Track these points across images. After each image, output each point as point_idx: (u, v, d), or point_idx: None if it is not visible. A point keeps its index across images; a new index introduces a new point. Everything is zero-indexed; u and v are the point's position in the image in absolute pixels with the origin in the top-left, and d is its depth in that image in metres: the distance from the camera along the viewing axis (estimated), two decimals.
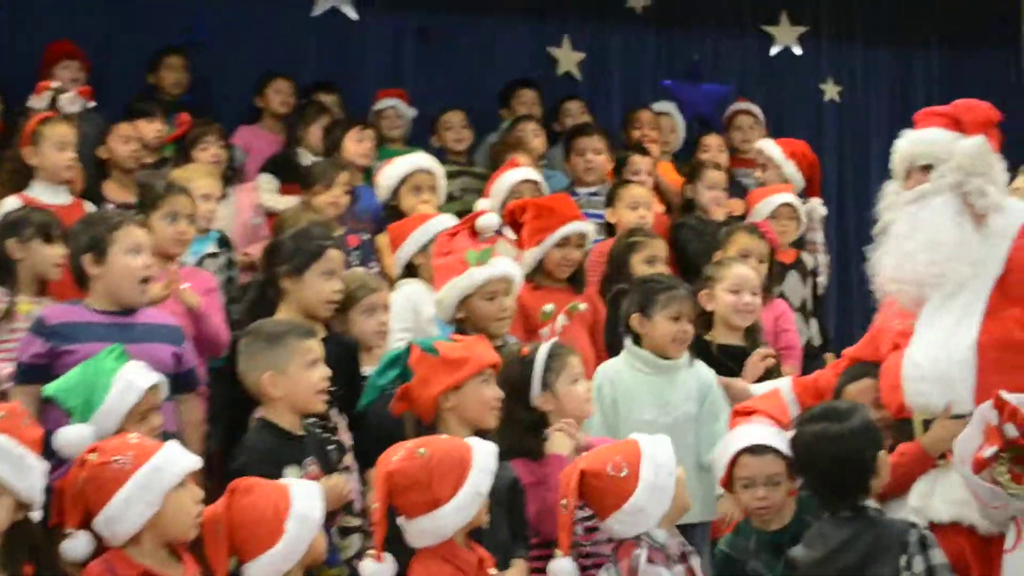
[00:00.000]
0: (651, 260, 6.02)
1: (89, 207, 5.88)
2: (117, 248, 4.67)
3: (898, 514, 4.10)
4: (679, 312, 5.16)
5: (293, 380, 4.31)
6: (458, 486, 3.88)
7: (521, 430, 4.50)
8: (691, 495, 4.36)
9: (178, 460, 3.82)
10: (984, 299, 4.09)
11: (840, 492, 3.96)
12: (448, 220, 5.74)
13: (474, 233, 5.27)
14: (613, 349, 5.34)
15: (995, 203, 4.17)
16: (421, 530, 3.91)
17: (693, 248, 6.69)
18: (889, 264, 4.25)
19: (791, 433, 4.16)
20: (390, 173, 6.52)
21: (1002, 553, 3.91)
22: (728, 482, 4.47)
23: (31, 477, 3.72)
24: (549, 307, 4.78)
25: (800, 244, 7.24)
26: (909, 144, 4.33)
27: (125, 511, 3.72)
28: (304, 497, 3.87)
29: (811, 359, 6.81)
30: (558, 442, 4.47)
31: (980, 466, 3.88)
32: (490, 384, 4.40)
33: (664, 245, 6.20)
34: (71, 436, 4.05)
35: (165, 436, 4.18)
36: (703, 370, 5.22)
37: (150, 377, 4.30)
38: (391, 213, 6.40)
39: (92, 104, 6.52)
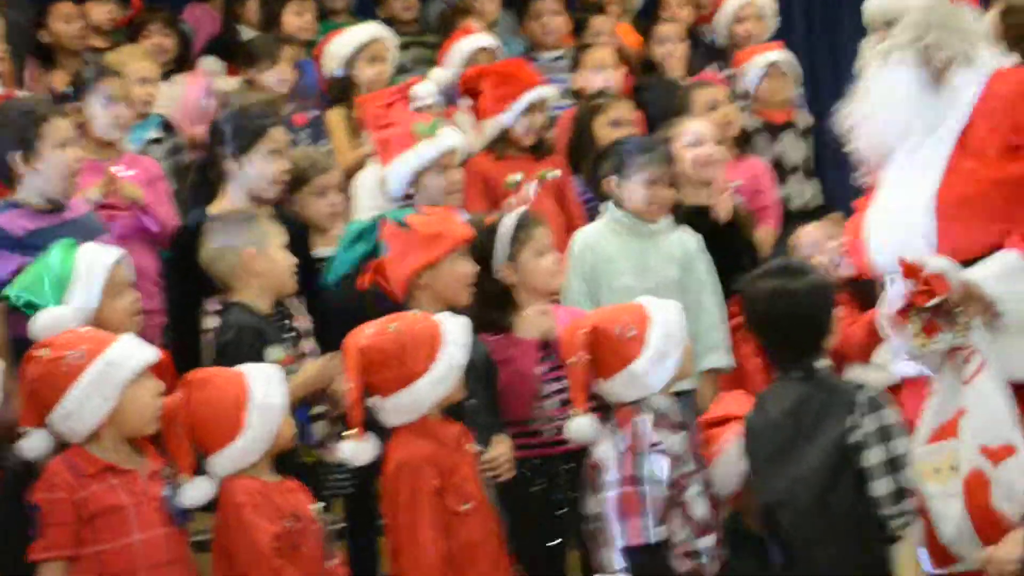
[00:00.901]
0: (616, 123, 5.95)
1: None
2: (46, 143, 4.59)
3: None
4: (656, 175, 5.14)
5: (271, 259, 4.36)
6: (432, 359, 3.92)
7: (486, 303, 4.51)
8: None
9: (134, 353, 3.81)
10: (944, 154, 4.12)
11: (793, 351, 3.96)
12: (425, 88, 5.68)
13: (407, 102, 5.22)
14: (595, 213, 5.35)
15: (958, 56, 4.16)
16: (397, 406, 3.94)
17: (657, 109, 6.60)
18: (852, 124, 4.27)
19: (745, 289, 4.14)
20: (344, 42, 6.41)
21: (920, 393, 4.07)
22: None
23: None
24: (514, 177, 4.77)
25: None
26: (870, 3, 4.32)
27: (81, 407, 3.72)
28: (263, 384, 3.87)
29: (809, 219, 6.82)
30: (529, 324, 4.46)
31: (895, 322, 4.04)
32: (464, 259, 4.42)
33: (630, 106, 6.15)
34: (47, 320, 4.00)
35: None
36: (687, 237, 5.21)
37: (111, 252, 4.28)
38: (344, 86, 6.32)
39: None
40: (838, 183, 6.99)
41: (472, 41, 6.65)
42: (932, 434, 4.00)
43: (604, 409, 4.12)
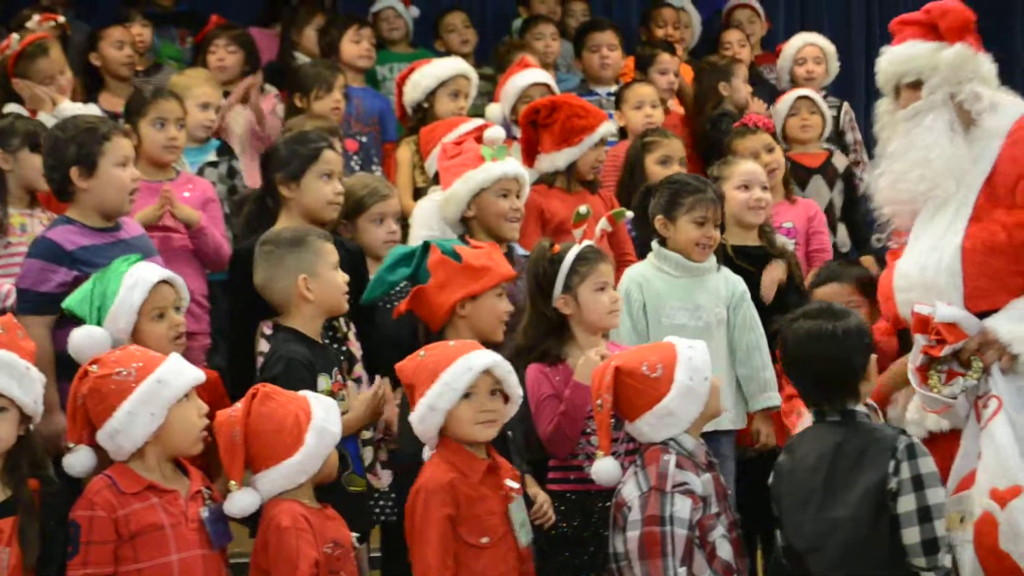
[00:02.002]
0: (665, 160, 6.05)
1: None
2: (107, 160, 4.65)
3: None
4: (704, 216, 5.18)
5: (325, 281, 4.39)
6: (421, 395, 3.99)
7: (543, 330, 4.57)
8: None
9: (183, 373, 3.88)
10: (971, 203, 4.15)
11: (829, 394, 3.99)
12: (498, 133, 5.73)
13: (480, 142, 5.30)
14: (645, 248, 5.38)
15: (989, 104, 4.21)
16: (417, 431, 4.04)
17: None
18: (884, 185, 4.30)
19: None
20: (428, 74, 6.57)
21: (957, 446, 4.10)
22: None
23: (34, 390, 3.81)
24: (584, 208, 4.81)
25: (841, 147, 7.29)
26: (891, 63, 4.36)
27: (129, 425, 3.78)
28: (324, 410, 3.94)
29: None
30: (583, 369, 4.45)
31: (920, 375, 4.09)
32: (503, 298, 4.48)
33: (680, 145, 6.22)
34: (81, 338, 4.11)
35: None
36: (734, 277, 5.26)
37: (158, 272, 4.35)
38: (423, 117, 6.43)
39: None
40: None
41: (527, 76, 6.74)
42: (957, 485, 4.03)
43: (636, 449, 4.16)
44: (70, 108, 5.64)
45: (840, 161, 7.13)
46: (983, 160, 4.16)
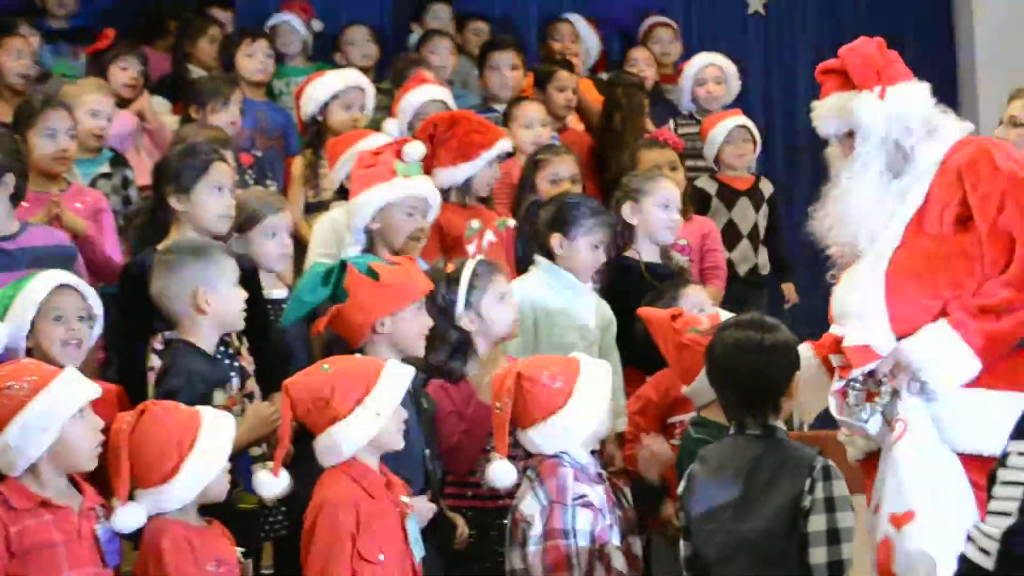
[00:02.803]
0: (555, 179, 6.11)
1: None
2: None
3: None
4: (602, 241, 5.28)
5: (224, 297, 4.37)
6: (357, 403, 3.96)
7: (446, 351, 4.61)
8: None
9: (77, 388, 3.83)
10: (900, 234, 4.25)
11: (752, 406, 3.98)
12: (384, 139, 5.80)
13: (399, 156, 5.32)
14: (526, 263, 5.45)
15: (924, 133, 4.30)
16: (323, 447, 3.99)
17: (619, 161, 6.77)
18: (827, 225, 4.40)
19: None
20: (321, 86, 6.58)
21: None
22: None
23: None
24: (476, 223, 4.86)
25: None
26: (820, 120, 4.46)
27: (21, 439, 3.73)
28: (216, 430, 3.89)
29: (758, 287, 7.03)
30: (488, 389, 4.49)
31: (840, 397, 4.21)
32: (423, 312, 4.50)
33: (573, 161, 6.27)
34: None
35: None
36: (602, 301, 5.33)
37: (64, 276, 4.33)
38: (316, 129, 6.45)
39: None
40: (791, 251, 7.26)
41: (424, 92, 6.76)
42: (873, 509, 4.13)
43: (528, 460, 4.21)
44: None
45: (767, 187, 7.30)
46: (915, 193, 4.24)
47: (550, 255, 5.28)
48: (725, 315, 4.52)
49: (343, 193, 5.71)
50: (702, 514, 3.98)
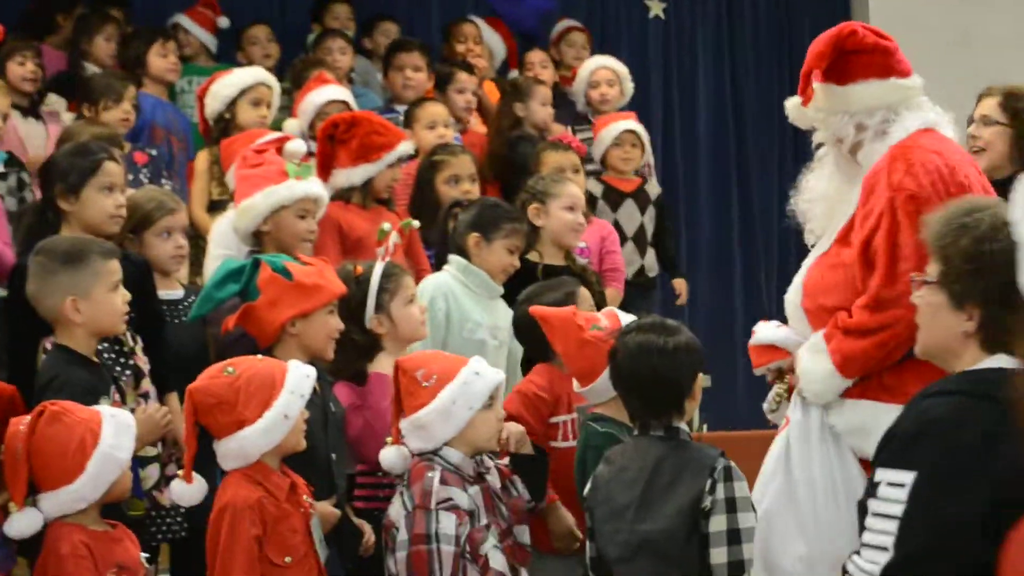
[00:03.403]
0: (454, 179, 6.15)
1: None
2: None
3: None
4: (515, 246, 5.36)
5: (96, 304, 4.29)
6: (265, 407, 3.94)
7: (354, 354, 4.63)
8: None
9: None
10: (831, 241, 4.29)
11: (655, 408, 4.02)
12: (298, 147, 5.74)
13: (280, 154, 5.33)
14: (439, 263, 5.50)
15: (871, 134, 4.25)
16: (227, 451, 3.97)
17: (532, 163, 6.75)
18: (799, 215, 4.44)
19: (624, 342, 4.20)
20: (228, 84, 6.58)
21: None
22: None
23: None
24: (387, 225, 4.89)
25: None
26: (792, 120, 4.46)
27: None
28: (115, 433, 3.84)
29: (646, 289, 7.11)
30: (383, 362, 4.59)
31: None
32: (334, 315, 4.50)
33: (470, 161, 6.31)
34: None
35: None
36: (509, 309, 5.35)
37: None
38: (224, 127, 6.45)
39: None
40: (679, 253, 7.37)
41: (325, 93, 6.76)
42: None
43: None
44: None
45: (653, 189, 7.39)
46: (853, 197, 4.22)
47: (465, 256, 5.32)
48: (623, 315, 4.56)
49: None
50: (605, 515, 4.01)
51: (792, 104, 4.37)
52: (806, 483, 4.16)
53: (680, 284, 7.62)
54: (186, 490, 3.98)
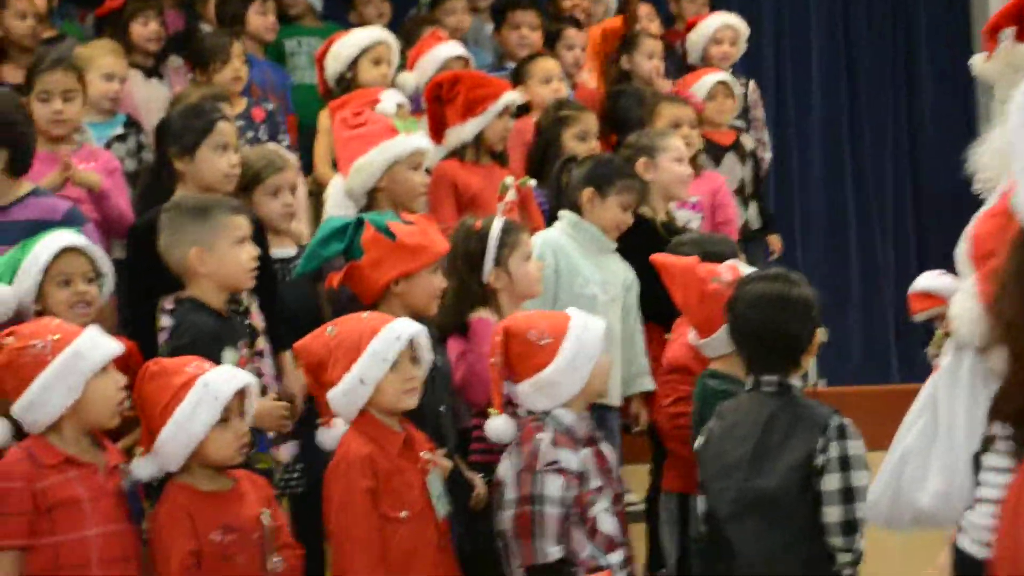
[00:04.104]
0: (583, 135, 6.17)
1: None
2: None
3: None
4: (631, 202, 5.36)
5: (221, 256, 4.36)
6: (345, 371, 4.04)
7: (469, 306, 4.70)
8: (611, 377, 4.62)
9: (100, 345, 3.90)
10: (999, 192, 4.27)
11: (770, 361, 4.02)
12: (394, 96, 5.85)
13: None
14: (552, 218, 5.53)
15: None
16: (333, 406, 4.10)
17: (635, 117, 6.79)
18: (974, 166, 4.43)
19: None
20: (348, 44, 6.61)
21: None
22: None
23: None
24: (509, 179, 4.94)
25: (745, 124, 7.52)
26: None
27: (44, 398, 3.81)
28: (195, 403, 3.86)
29: (748, 242, 7.05)
30: (485, 310, 4.65)
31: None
32: (438, 274, 4.56)
33: (595, 120, 6.33)
34: None
35: None
36: (624, 263, 5.40)
37: (69, 238, 4.38)
38: (346, 87, 6.48)
39: None
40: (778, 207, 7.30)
41: (448, 49, 6.82)
42: None
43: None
44: None
45: (747, 141, 7.35)
46: None
47: (578, 211, 5.35)
48: (744, 268, 4.56)
49: None
50: (715, 471, 4.03)
51: (977, 59, 4.35)
52: (949, 423, 4.14)
53: (775, 240, 7.58)
54: (328, 434, 4.12)
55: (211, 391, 3.89)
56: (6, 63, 6.49)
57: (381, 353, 4.03)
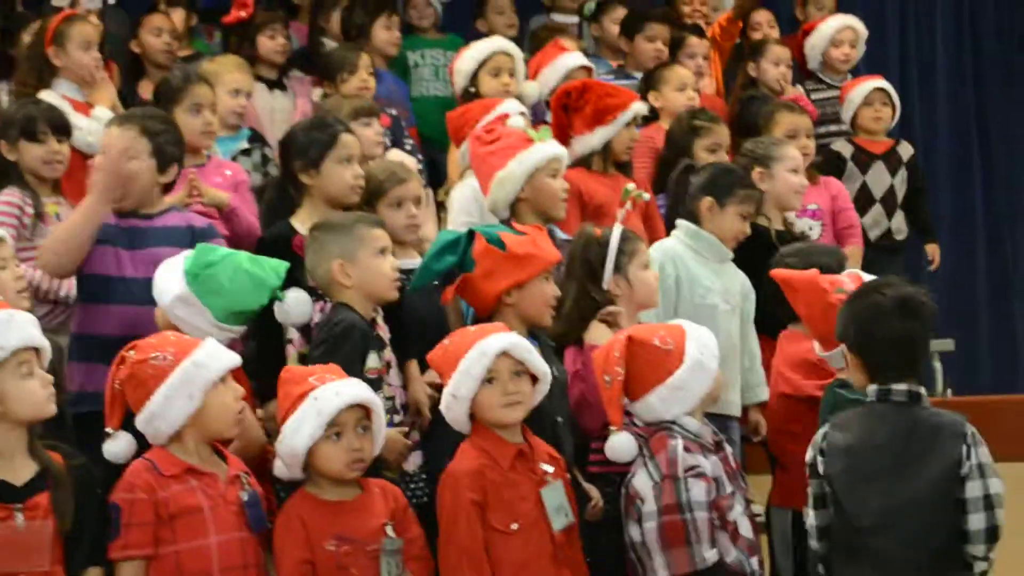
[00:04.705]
0: (715, 148, 6.14)
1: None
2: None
3: None
4: (749, 211, 5.33)
5: (364, 268, 4.42)
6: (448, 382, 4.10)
7: (588, 315, 4.66)
8: (732, 386, 4.66)
9: (219, 356, 3.97)
10: None
11: (898, 371, 3.95)
12: (512, 105, 5.85)
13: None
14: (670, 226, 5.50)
15: None
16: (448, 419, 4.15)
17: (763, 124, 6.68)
18: None
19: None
20: (468, 57, 6.65)
21: None
22: None
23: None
24: (631, 185, 4.91)
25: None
26: None
27: (165, 408, 3.88)
28: (300, 419, 3.95)
29: (892, 252, 7.01)
30: (596, 332, 4.59)
31: None
32: (550, 282, 4.55)
33: (727, 132, 6.29)
34: None
35: None
36: (739, 271, 5.36)
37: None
38: (470, 100, 6.48)
39: (112, 0, 6.62)
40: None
41: (572, 59, 6.83)
42: None
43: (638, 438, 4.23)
44: (102, 114, 5.74)
45: (906, 150, 7.26)
46: None
47: (695, 220, 5.31)
48: (866, 277, 4.48)
49: None
50: (851, 482, 3.95)
51: None
52: None
53: (933, 249, 7.45)
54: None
55: (316, 406, 3.94)
56: (144, 80, 6.56)
57: (469, 370, 4.06)
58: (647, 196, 5.30)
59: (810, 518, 4.05)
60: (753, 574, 4.08)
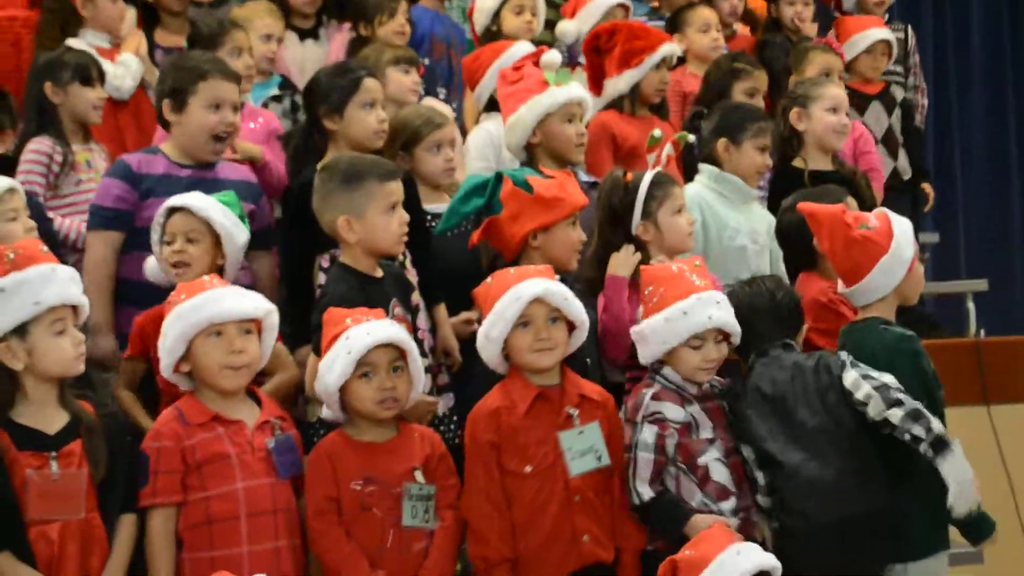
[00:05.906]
0: (752, 92, 6.02)
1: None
2: (197, 100, 4.74)
3: None
4: (766, 144, 5.22)
5: (370, 224, 4.28)
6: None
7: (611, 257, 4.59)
8: None
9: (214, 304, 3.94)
10: None
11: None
12: (525, 47, 5.75)
13: (537, 67, 5.28)
14: (691, 171, 5.41)
15: None
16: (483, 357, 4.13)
17: (779, 67, 6.64)
18: None
19: None
20: None
21: None
22: None
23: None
24: (658, 132, 4.82)
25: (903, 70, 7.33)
26: None
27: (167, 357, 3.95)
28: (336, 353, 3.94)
29: (898, 192, 6.85)
30: (617, 261, 4.54)
31: None
32: (576, 227, 4.49)
33: (766, 77, 6.15)
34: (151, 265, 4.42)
35: None
36: (764, 209, 5.29)
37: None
38: (493, 39, 6.38)
39: None
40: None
41: None
42: None
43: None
44: (129, 60, 5.73)
45: (897, 90, 7.13)
46: None
47: (715, 163, 5.22)
48: (894, 216, 4.41)
49: (492, 103, 5.66)
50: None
51: None
52: None
53: (927, 188, 7.28)
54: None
55: (347, 344, 3.92)
56: (159, 28, 6.47)
57: (503, 313, 4.02)
58: (692, 138, 5.18)
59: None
60: (722, 514, 4.04)
